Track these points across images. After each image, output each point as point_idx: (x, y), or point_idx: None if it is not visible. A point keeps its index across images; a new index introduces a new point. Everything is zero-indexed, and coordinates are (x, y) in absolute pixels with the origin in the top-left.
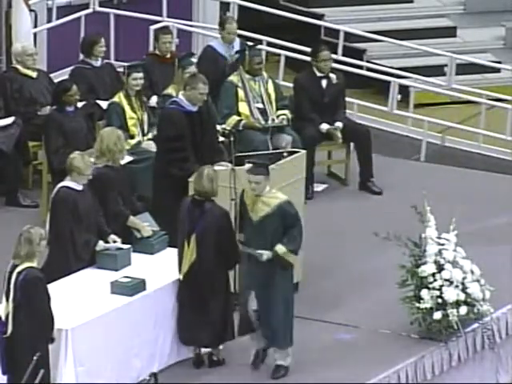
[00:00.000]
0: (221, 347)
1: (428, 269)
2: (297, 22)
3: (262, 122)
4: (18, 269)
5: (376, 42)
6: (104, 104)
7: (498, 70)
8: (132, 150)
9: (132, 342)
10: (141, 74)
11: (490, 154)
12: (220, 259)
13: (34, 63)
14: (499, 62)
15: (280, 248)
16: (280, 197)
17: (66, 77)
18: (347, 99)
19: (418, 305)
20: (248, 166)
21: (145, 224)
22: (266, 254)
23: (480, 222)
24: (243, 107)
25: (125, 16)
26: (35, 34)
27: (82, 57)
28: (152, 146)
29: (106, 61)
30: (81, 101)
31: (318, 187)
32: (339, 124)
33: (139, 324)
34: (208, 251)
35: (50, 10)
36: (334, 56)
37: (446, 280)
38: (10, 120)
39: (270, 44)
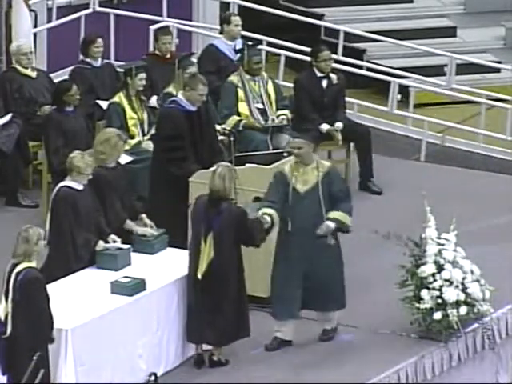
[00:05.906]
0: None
1: (428, 269)
2: (297, 22)
3: (262, 122)
4: (17, 269)
5: (376, 42)
6: (104, 104)
7: (498, 70)
8: (132, 150)
9: (135, 343)
10: (145, 75)
11: (490, 154)
12: (237, 256)
13: (30, 62)
14: (499, 62)
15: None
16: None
17: (65, 77)
18: (347, 99)
19: (418, 305)
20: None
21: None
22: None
23: (480, 222)
24: (243, 107)
25: (125, 16)
26: (35, 34)
27: (81, 57)
28: (151, 146)
29: (106, 61)
30: (80, 101)
31: None
32: (339, 124)
33: (141, 324)
34: (226, 249)
35: (50, 9)
36: (334, 56)
37: (446, 280)
38: (7, 117)
39: (270, 44)
